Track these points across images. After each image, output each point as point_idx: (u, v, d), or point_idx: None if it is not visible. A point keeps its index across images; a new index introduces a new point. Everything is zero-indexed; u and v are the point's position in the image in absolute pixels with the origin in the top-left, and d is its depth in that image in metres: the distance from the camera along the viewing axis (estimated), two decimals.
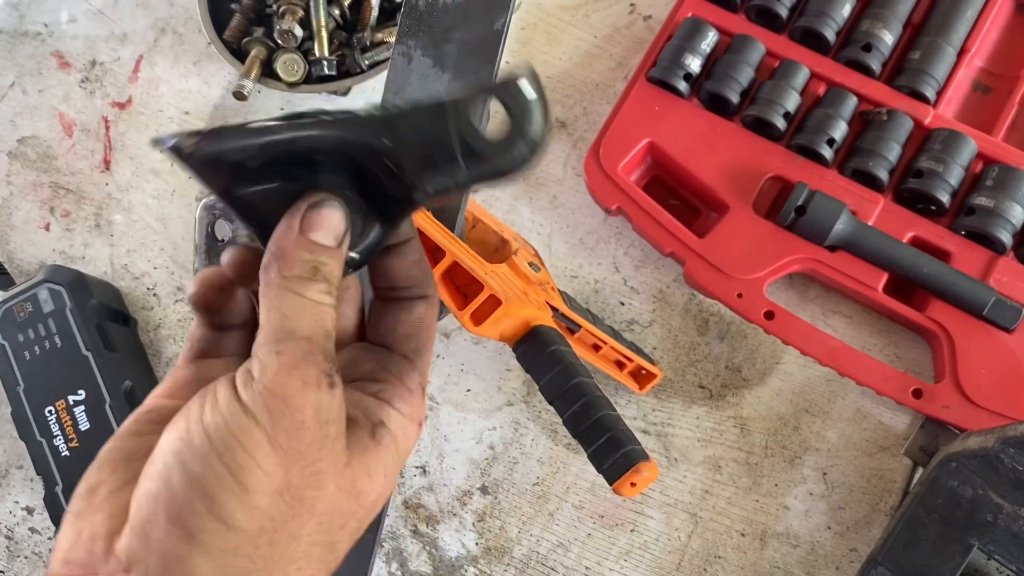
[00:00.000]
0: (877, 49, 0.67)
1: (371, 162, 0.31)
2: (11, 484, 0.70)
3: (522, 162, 0.30)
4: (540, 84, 0.30)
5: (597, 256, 0.70)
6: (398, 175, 0.31)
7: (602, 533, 0.65)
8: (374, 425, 0.33)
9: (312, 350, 0.30)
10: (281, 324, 0.30)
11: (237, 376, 0.30)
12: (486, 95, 0.30)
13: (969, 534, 0.53)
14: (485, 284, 0.54)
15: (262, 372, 0.29)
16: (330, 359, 0.30)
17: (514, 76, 0.30)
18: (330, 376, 0.30)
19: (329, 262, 0.31)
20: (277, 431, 0.28)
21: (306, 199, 0.31)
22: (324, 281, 0.31)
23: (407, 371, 0.36)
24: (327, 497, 0.30)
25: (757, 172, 0.66)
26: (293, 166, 0.31)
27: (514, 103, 0.30)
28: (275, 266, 0.31)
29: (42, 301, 0.67)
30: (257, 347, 0.30)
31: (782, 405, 0.66)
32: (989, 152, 0.65)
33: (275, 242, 0.31)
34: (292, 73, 0.70)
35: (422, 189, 0.31)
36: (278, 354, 0.29)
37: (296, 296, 0.30)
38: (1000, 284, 0.62)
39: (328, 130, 0.30)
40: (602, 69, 0.74)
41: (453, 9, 0.54)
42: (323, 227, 0.31)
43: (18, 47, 0.79)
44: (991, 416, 0.60)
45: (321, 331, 0.30)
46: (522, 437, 0.67)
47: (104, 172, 0.76)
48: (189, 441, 0.28)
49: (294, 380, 0.29)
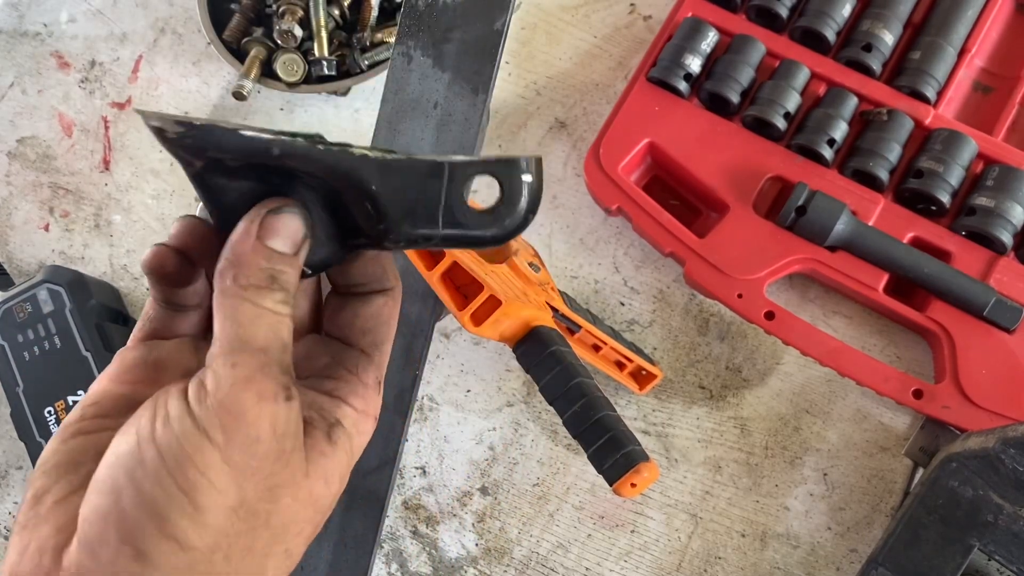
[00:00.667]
0: (877, 49, 0.67)
1: (351, 197, 0.30)
2: (10, 485, 0.70)
3: (496, 241, 0.30)
4: (540, 171, 0.30)
5: (597, 256, 0.70)
6: (374, 217, 0.30)
7: (602, 534, 0.65)
8: (330, 425, 0.32)
9: (268, 362, 0.29)
10: (236, 334, 0.29)
11: (190, 388, 0.29)
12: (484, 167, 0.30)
13: (970, 535, 0.53)
14: (485, 284, 0.54)
15: (216, 386, 0.28)
16: (286, 371, 0.30)
17: (516, 157, 0.29)
18: (287, 388, 0.29)
19: (286, 270, 0.30)
20: (231, 448, 0.28)
21: (267, 203, 0.30)
22: (281, 290, 0.30)
23: (363, 365, 0.35)
24: (283, 509, 0.30)
25: (757, 172, 0.66)
26: (272, 173, 0.31)
27: (508, 183, 0.29)
28: (231, 273, 0.30)
29: (41, 301, 0.67)
30: (211, 358, 0.29)
31: (782, 405, 0.66)
32: (989, 152, 0.65)
33: (231, 248, 0.30)
34: (292, 73, 0.70)
35: (394, 236, 0.31)
36: (233, 366, 0.28)
37: (252, 305, 0.29)
38: (1000, 284, 0.62)
39: (319, 159, 0.29)
40: (602, 69, 0.74)
41: (453, 9, 0.54)
42: (281, 234, 0.30)
43: (17, 47, 0.79)
44: (991, 416, 0.60)
45: (277, 342, 0.30)
46: (522, 438, 0.67)
47: (103, 172, 0.75)
48: (140, 458, 0.28)
49: (249, 394, 0.28)
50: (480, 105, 0.54)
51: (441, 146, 0.56)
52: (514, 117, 0.73)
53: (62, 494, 0.29)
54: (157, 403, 0.29)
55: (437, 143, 0.56)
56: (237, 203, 0.31)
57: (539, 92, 0.74)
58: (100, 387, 0.33)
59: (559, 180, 0.72)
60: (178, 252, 0.33)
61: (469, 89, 0.55)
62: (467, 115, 0.55)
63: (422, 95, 0.56)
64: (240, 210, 0.31)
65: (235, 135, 0.29)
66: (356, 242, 0.32)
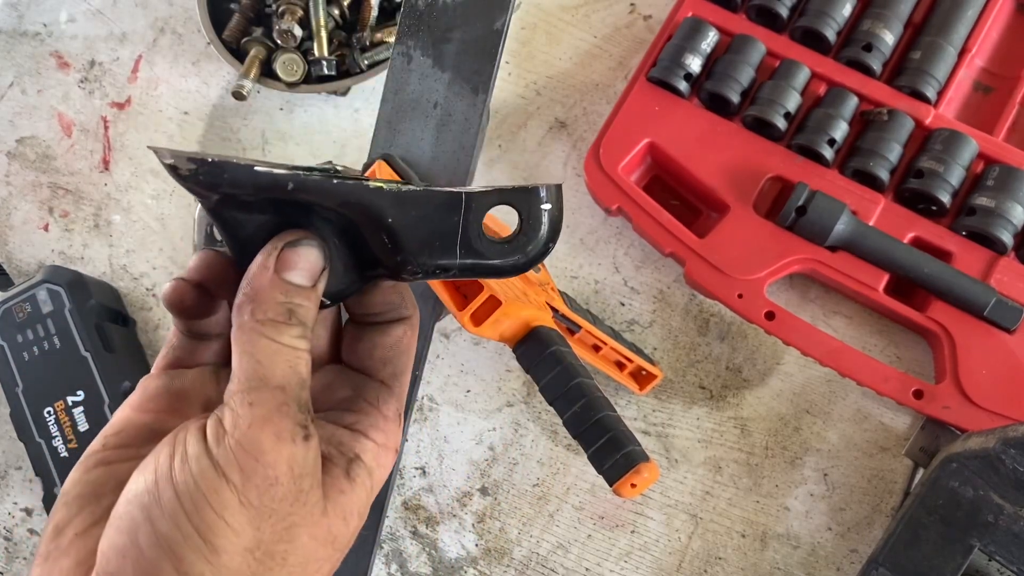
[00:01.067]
0: (878, 49, 0.67)
1: (368, 229, 0.30)
2: (10, 485, 0.70)
3: (516, 270, 0.30)
4: (560, 199, 0.29)
5: (597, 256, 0.70)
6: (391, 249, 0.30)
7: (602, 534, 0.65)
8: (349, 461, 0.32)
9: (286, 400, 0.29)
10: (254, 371, 0.29)
11: (208, 426, 0.29)
12: (503, 197, 0.29)
13: (970, 535, 0.53)
14: (485, 284, 0.54)
15: (234, 425, 0.28)
16: (304, 409, 0.30)
17: (535, 185, 0.29)
18: (305, 428, 0.29)
19: (304, 304, 0.30)
20: (248, 489, 0.28)
21: (283, 236, 0.30)
22: (299, 324, 0.30)
23: (383, 397, 0.35)
24: (300, 548, 0.30)
25: (757, 172, 0.66)
26: (288, 206, 0.30)
27: (527, 212, 0.29)
28: (248, 308, 0.30)
29: (41, 302, 0.67)
30: (229, 395, 0.29)
31: (783, 406, 0.66)
32: (990, 152, 0.65)
33: (249, 282, 0.30)
34: (291, 73, 0.70)
35: (411, 268, 0.30)
36: (251, 405, 0.28)
37: (269, 341, 0.29)
38: (1001, 284, 0.62)
39: (334, 192, 0.29)
40: (602, 69, 0.74)
41: (453, 9, 0.54)
42: (299, 267, 0.30)
43: (17, 47, 0.79)
44: (992, 417, 0.60)
45: (295, 378, 0.30)
46: (522, 438, 0.67)
47: (103, 172, 0.75)
48: (157, 497, 0.28)
49: (267, 434, 0.28)
50: (480, 105, 0.54)
51: (441, 146, 0.56)
52: (514, 117, 0.73)
53: (83, 527, 0.29)
54: (176, 440, 0.29)
55: (437, 143, 0.56)
56: (254, 235, 0.31)
57: (539, 92, 0.74)
58: (123, 416, 0.33)
59: (559, 180, 0.72)
60: (197, 286, 0.33)
61: (469, 89, 0.55)
62: (467, 115, 0.55)
63: (422, 95, 0.56)
64: (258, 242, 0.31)
65: (248, 171, 0.29)
66: (374, 273, 0.32)
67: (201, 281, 0.33)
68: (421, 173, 0.56)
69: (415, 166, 0.56)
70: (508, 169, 0.72)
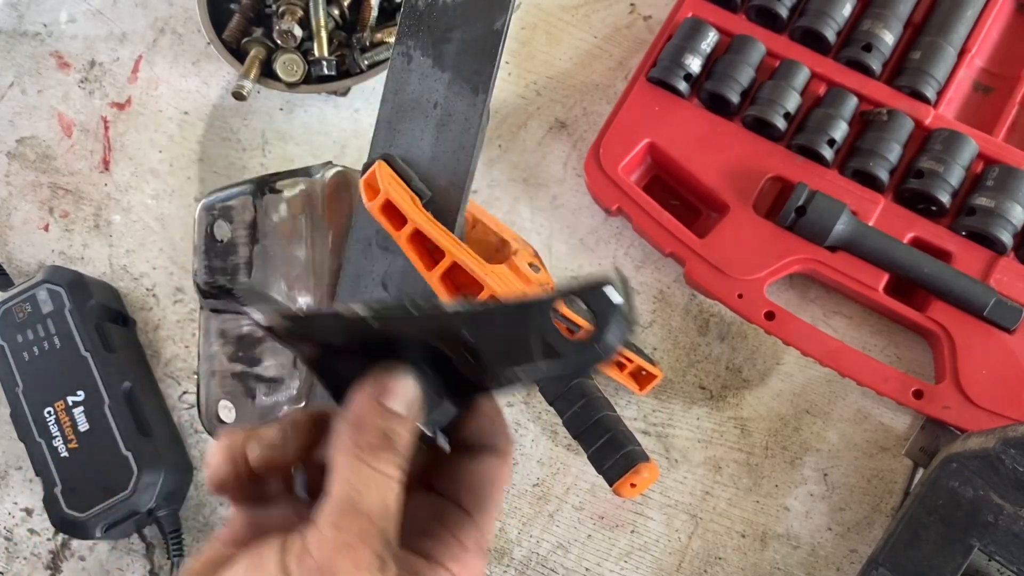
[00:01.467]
0: (877, 49, 0.67)
1: (451, 350, 0.32)
2: (10, 485, 0.70)
3: (596, 365, 0.31)
4: (628, 290, 0.30)
5: (597, 257, 0.70)
6: (475, 364, 0.31)
7: (602, 534, 0.65)
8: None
9: (371, 530, 0.29)
10: (347, 495, 0.29)
11: (292, 544, 0.29)
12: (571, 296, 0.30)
13: (970, 535, 0.53)
14: (485, 285, 0.54)
15: (319, 547, 0.29)
16: (386, 541, 0.30)
17: (602, 281, 0.30)
18: (383, 560, 0.29)
19: (400, 430, 0.31)
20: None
21: (381, 367, 0.32)
22: (394, 451, 0.30)
23: (465, 526, 0.34)
24: None
25: (757, 172, 0.66)
26: (376, 340, 0.32)
27: (598, 308, 0.30)
28: (350, 432, 0.30)
29: (41, 302, 0.67)
30: (319, 513, 0.29)
31: (783, 406, 0.66)
32: (990, 152, 0.65)
33: (352, 410, 0.31)
34: (291, 73, 0.70)
35: (498, 379, 0.32)
36: (336, 528, 0.29)
37: (365, 466, 0.30)
38: (1001, 284, 0.62)
39: (416, 323, 0.31)
40: (602, 69, 0.74)
41: (453, 9, 0.54)
42: (396, 394, 0.31)
43: (17, 47, 0.79)
44: (992, 417, 0.60)
45: (383, 508, 0.30)
46: (522, 438, 0.67)
47: (103, 172, 0.75)
48: None
49: (346, 561, 0.28)
50: (480, 105, 0.54)
51: (441, 146, 0.56)
52: (514, 117, 0.73)
53: None
54: (252, 555, 0.29)
55: (437, 143, 0.56)
56: (348, 374, 0.32)
57: (539, 92, 0.74)
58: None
59: (559, 180, 0.72)
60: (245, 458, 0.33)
61: (469, 89, 0.55)
62: (467, 115, 0.55)
63: (422, 95, 0.56)
64: (351, 379, 0.32)
65: (336, 319, 0.32)
66: (464, 393, 0.33)
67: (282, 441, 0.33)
68: (421, 173, 0.56)
69: (415, 166, 0.56)
70: (508, 169, 0.72)
